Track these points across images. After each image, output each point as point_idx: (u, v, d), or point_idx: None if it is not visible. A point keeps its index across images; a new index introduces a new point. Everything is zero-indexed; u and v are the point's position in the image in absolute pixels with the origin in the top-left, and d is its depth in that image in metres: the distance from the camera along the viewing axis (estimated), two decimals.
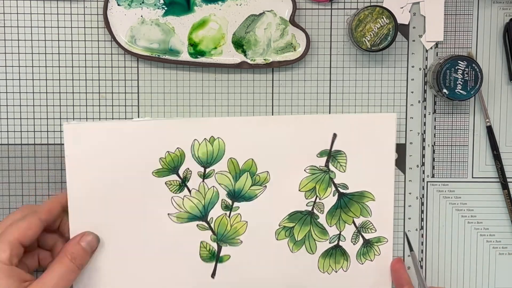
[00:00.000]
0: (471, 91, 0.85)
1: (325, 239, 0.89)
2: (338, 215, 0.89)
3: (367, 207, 0.89)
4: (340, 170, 0.88)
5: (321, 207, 0.89)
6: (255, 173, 0.88)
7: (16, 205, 0.90)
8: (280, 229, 0.89)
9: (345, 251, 0.90)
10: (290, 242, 0.89)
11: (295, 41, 0.88)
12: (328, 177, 0.89)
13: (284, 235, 0.89)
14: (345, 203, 0.89)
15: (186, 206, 0.88)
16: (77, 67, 0.89)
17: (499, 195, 0.91)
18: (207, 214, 0.88)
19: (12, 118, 0.89)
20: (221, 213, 0.88)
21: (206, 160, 0.87)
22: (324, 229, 0.89)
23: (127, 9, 0.87)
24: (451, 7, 0.89)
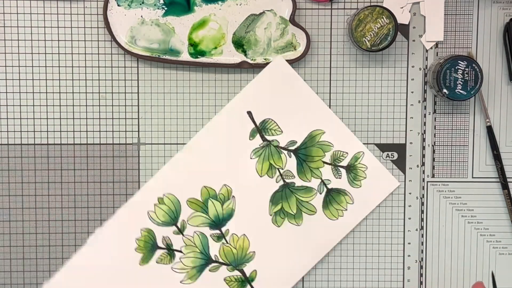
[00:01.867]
0: (471, 91, 0.85)
1: (314, 194, 0.90)
2: (307, 167, 0.90)
3: (324, 142, 0.89)
4: (277, 134, 0.89)
5: (288, 174, 0.89)
6: (216, 194, 0.89)
7: (16, 205, 0.90)
8: (275, 216, 0.89)
9: (338, 189, 0.90)
10: (290, 220, 0.89)
11: (295, 40, 0.88)
12: (273, 147, 0.89)
13: (281, 218, 0.89)
14: (304, 155, 0.89)
15: (188, 263, 0.89)
16: (77, 67, 0.89)
17: (499, 195, 0.91)
18: (209, 254, 0.89)
19: (12, 118, 0.89)
20: (219, 245, 0.89)
21: (170, 219, 0.89)
22: (307, 188, 0.90)
23: (127, 10, 0.87)
24: (451, 7, 0.89)
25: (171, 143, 0.90)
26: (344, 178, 0.89)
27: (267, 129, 0.89)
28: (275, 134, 0.89)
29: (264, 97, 0.88)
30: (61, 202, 0.90)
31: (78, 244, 0.91)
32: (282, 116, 0.89)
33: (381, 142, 0.90)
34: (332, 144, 0.89)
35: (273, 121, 0.89)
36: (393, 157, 0.91)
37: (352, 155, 0.89)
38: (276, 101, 0.88)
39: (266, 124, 0.89)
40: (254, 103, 0.88)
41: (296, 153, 0.89)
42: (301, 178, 0.89)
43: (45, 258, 0.91)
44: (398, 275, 0.92)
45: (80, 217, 0.91)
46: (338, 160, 0.89)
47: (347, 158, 0.89)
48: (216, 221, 0.89)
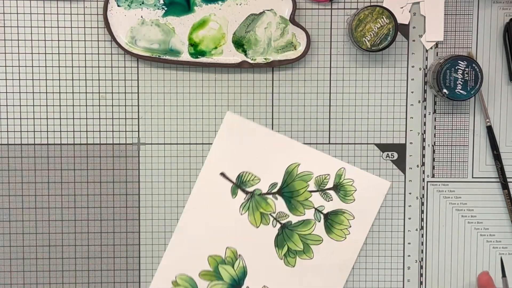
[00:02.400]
0: (471, 91, 0.85)
1: (313, 224, 0.90)
2: (296, 202, 0.90)
3: (303, 173, 0.90)
4: (256, 182, 0.90)
5: (281, 215, 0.90)
6: (223, 260, 0.90)
7: (16, 205, 0.90)
8: (286, 259, 0.90)
9: (335, 211, 0.90)
10: (301, 256, 0.90)
11: (295, 40, 0.88)
12: (257, 196, 0.90)
13: (292, 257, 0.90)
14: (289, 192, 0.90)
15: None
16: (77, 67, 0.89)
17: (499, 195, 0.91)
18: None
19: (12, 118, 0.89)
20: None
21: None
22: (304, 221, 0.90)
23: (127, 10, 0.87)
24: (451, 7, 0.89)
25: (171, 143, 0.90)
26: (335, 199, 0.90)
27: (245, 181, 0.90)
28: (254, 183, 0.90)
29: (231, 154, 0.89)
30: (61, 202, 0.90)
31: (78, 244, 0.91)
32: (254, 164, 0.90)
33: (381, 142, 0.91)
34: (311, 172, 0.90)
35: (248, 172, 0.89)
36: (393, 157, 0.91)
37: (335, 174, 0.90)
38: (244, 152, 0.89)
39: (242, 177, 0.90)
40: (225, 163, 0.89)
41: (281, 194, 0.90)
42: (295, 214, 0.90)
43: (45, 258, 0.91)
44: (398, 275, 0.92)
45: (80, 217, 0.91)
46: (323, 184, 0.90)
47: (330, 179, 0.90)
48: (234, 284, 0.90)
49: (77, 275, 0.91)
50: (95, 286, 0.91)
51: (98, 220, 0.91)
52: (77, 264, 0.91)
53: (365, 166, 0.91)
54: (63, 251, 0.91)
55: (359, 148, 0.91)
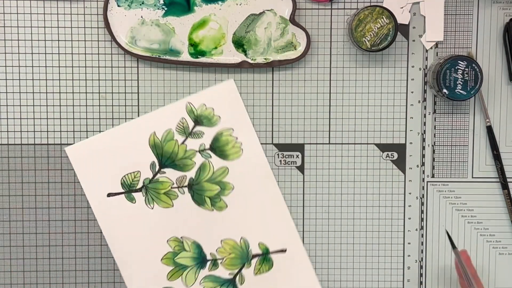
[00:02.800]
0: (471, 91, 0.85)
1: (185, 285, 0.90)
2: (214, 285, 0.90)
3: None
4: (254, 271, 0.90)
5: (214, 266, 0.90)
6: (221, 196, 0.90)
7: (16, 205, 0.90)
8: (177, 240, 0.90)
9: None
10: (169, 254, 0.90)
11: (295, 40, 0.88)
12: (244, 262, 0.90)
13: (173, 246, 0.90)
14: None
15: (167, 145, 0.89)
16: (77, 67, 0.89)
17: (499, 195, 0.91)
18: (166, 166, 0.89)
19: (12, 118, 0.89)
20: (171, 181, 0.89)
21: (219, 147, 0.89)
22: (194, 279, 0.90)
23: (127, 10, 0.87)
24: (451, 7, 0.89)
25: None
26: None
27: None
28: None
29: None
30: (61, 202, 0.90)
31: (78, 244, 0.91)
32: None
33: (381, 142, 0.91)
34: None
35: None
36: (393, 157, 0.91)
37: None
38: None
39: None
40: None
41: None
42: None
43: (45, 258, 0.91)
44: (398, 275, 0.92)
45: (80, 217, 0.91)
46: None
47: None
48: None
49: (77, 275, 0.91)
50: (95, 286, 0.91)
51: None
52: (77, 264, 0.91)
53: (365, 166, 0.91)
54: (63, 251, 0.91)
55: (359, 148, 0.91)
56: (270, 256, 0.90)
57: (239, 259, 0.90)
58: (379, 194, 0.91)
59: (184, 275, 0.90)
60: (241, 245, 0.90)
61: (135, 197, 0.89)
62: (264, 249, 0.90)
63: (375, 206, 0.91)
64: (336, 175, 0.91)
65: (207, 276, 0.90)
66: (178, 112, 0.88)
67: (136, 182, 0.89)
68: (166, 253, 0.90)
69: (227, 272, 0.90)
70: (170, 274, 0.90)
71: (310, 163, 0.91)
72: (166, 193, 0.89)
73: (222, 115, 0.88)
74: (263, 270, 0.90)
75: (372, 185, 0.91)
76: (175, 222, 0.89)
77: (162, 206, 0.89)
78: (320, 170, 0.91)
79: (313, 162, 0.91)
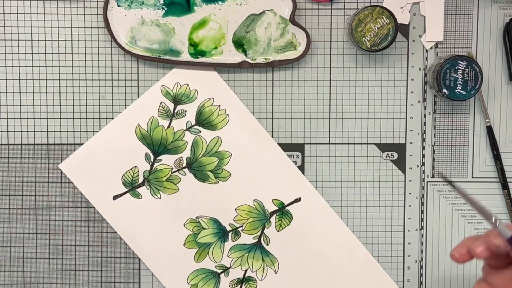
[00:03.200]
0: (471, 91, 0.85)
1: (215, 262, 0.91)
2: (242, 254, 0.91)
3: (265, 271, 0.91)
4: (277, 228, 0.90)
5: (237, 236, 0.90)
6: (222, 166, 0.89)
7: (16, 205, 0.90)
8: (194, 221, 0.90)
9: (219, 284, 0.91)
10: (190, 236, 0.90)
11: (295, 40, 0.88)
12: (264, 223, 0.90)
13: (191, 228, 0.90)
14: (254, 252, 0.90)
15: (155, 133, 0.89)
16: (77, 67, 0.89)
17: (499, 195, 0.91)
18: (160, 154, 0.89)
19: (12, 118, 0.89)
20: (169, 166, 0.89)
21: (204, 119, 0.89)
22: (222, 253, 0.91)
23: (127, 10, 0.87)
24: (451, 7, 0.89)
25: None
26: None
27: (282, 216, 0.91)
28: (277, 225, 0.91)
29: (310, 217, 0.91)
30: (61, 202, 0.90)
31: (78, 244, 0.91)
32: (295, 228, 0.91)
33: (381, 142, 0.91)
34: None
35: (290, 220, 0.91)
36: (393, 157, 0.91)
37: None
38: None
39: (286, 214, 0.91)
40: (307, 199, 0.90)
41: (257, 245, 0.90)
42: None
43: (45, 258, 0.91)
44: (398, 275, 0.92)
45: (80, 217, 0.91)
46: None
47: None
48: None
49: (77, 275, 0.91)
50: (95, 286, 0.91)
51: (98, 220, 0.91)
52: (77, 264, 0.91)
53: (365, 166, 0.91)
54: (63, 251, 0.91)
55: (359, 148, 0.91)
56: (287, 209, 0.90)
57: (258, 221, 0.90)
58: (379, 194, 0.91)
59: (210, 253, 0.90)
60: (256, 207, 0.90)
61: (140, 192, 0.89)
62: (279, 204, 0.90)
63: (375, 206, 0.91)
64: (336, 175, 0.91)
65: (232, 247, 0.90)
66: (155, 98, 0.88)
67: (136, 178, 0.89)
68: (187, 236, 0.90)
69: (251, 237, 0.90)
70: (197, 256, 0.90)
71: (310, 163, 0.91)
72: (168, 180, 0.89)
73: (198, 87, 0.88)
74: (284, 225, 0.90)
75: (372, 185, 0.91)
76: (186, 204, 0.89)
77: (168, 193, 0.89)
78: (320, 170, 0.91)
79: (313, 162, 0.91)
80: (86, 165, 0.89)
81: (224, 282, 0.90)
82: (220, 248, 0.90)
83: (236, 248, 0.90)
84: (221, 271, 0.90)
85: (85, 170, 0.89)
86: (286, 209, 0.90)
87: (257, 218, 0.90)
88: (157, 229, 0.89)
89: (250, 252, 0.90)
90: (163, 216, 0.89)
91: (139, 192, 0.89)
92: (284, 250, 0.90)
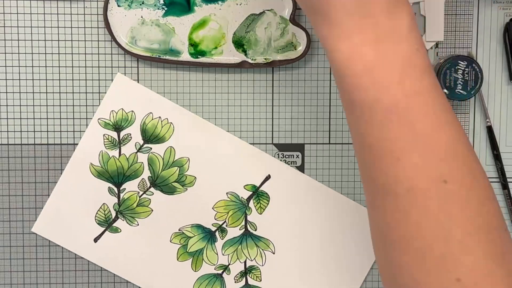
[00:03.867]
0: (471, 91, 0.85)
1: (212, 264, 0.90)
2: (235, 248, 0.90)
3: (263, 255, 0.90)
4: (258, 211, 0.90)
5: (223, 233, 0.90)
6: (184, 173, 0.89)
7: (16, 205, 0.90)
8: (178, 234, 0.90)
9: (224, 284, 0.91)
10: (180, 249, 0.90)
11: (295, 40, 0.88)
12: (244, 211, 0.90)
13: (178, 241, 0.90)
14: (246, 241, 0.90)
15: (109, 165, 0.88)
16: (77, 67, 0.89)
17: (499, 195, 0.91)
18: (122, 183, 0.89)
19: (12, 118, 0.89)
20: (135, 191, 0.89)
21: (150, 135, 0.88)
22: (216, 254, 0.90)
23: (127, 10, 0.87)
24: (451, 7, 0.89)
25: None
26: (238, 284, 0.91)
27: (259, 199, 0.90)
28: (257, 209, 0.90)
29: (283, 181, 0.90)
30: None
31: None
32: (276, 206, 0.90)
33: None
34: (264, 264, 0.91)
35: (268, 201, 0.90)
36: None
37: (261, 286, 0.91)
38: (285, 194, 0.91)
39: (263, 196, 0.90)
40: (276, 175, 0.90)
41: (245, 234, 0.91)
42: (223, 245, 0.91)
43: (45, 258, 0.91)
44: None
45: None
46: (250, 273, 0.91)
47: (257, 282, 0.91)
48: (156, 181, 0.89)
49: (77, 275, 0.91)
50: (95, 286, 0.91)
51: None
52: (77, 264, 0.91)
53: None
54: (63, 251, 0.91)
55: None
56: (261, 190, 0.90)
57: (238, 212, 0.90)
58: None
59: (205, 258, 0.90)
60: (231, 199, 0.90)
61: (117, 226, 0.89)
62: (252, 188, 0.90)
63: None
64: (336, 175, 0.91)
65: (224, 245, 0.90)
66: (96, 133, 0.89)
67: (109, 214, 0.89)
68: (177, 250, 0.90)
69: (237, 229, 0.90)
70: (193, 265, 0.90)
71: (310, 163, 0.91)
72: (139, 205, 0.89)
73: (133, 108, 0.88)
74: (264, 205, 0.90)
75: None
76: (164, 221, 0.89)
77: (143, 217, 0.89)
78: (320, 170, 0.91)
79: (313, 162, 0.91)
80: (57, 220, 0.89)
81: (229, 280, 0.90)
82: (213, 249, 0.90)
83: (228, 244, 0.90)
84: (222, 271, 0.90)
85: (58, 225, 0.89)
86: (260, 190, 0.90)
87: (236, 209, 0.90)
88: (146, 254, 0.89)
89: (242, 243, 0.90)
90: (148, 240, 0.89)
91: (116, 226, 0.89)
92: (273, 229, 0.90)
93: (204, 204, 0.90)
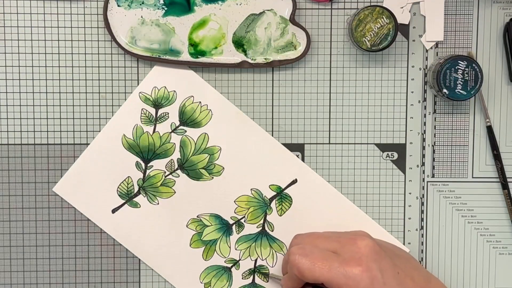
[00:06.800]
0: (471, 91, 0.85)
1: (223, 257, 0.90)
2: (249, 245, 0.90)
3: (275, 257, 0.90)
4: (278, 213, 0.90)
5: (240, 227, 0.90)
6: (213, 161, 0.89)
7: (16, 205, 0.90)
8: (196, 220, 0.90)
9: (231, 279, 0.91)
10: (195, 236, 0.90)
11: (295, 40, 0.88)
12: (265, 210, 0.90)
13: (195, 228, 0.90)
14: (261, 240, 0.90)
15: (141, 140, 0.89)
16: (77, 67, 0.89)
17: (499, 195, 0.91)
18: (150, 160, 0.89)
19: (12, 118, 0.89)
20: (161, 170, 0.89)
21: (188, 118, 0.88)
22: (229, 247, 0.90)
23: (127, 10, 0.87)
24: (451, 7, 0.89)
25: None
26: (245, 281, 0.91)
27: (282, 201, 0.90)
28: (278, 211, 0.90)
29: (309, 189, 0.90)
30: (61, 202, 0.90)
31: (78, 244, 0.91)
32: (298, 210, 0.91)
33: (381, 142, 0.91)
34: (273, 265, 0.91)
35: (290, 204, 0.90)
36: (393, 157, 0.91)
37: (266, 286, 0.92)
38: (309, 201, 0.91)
39: (286, 198, 0.90)
40: (303, 179, 0.90)
41: (261, 233, 0.91)
42: (237, 240, 0.91)
43: (45, 258, 0.91)
44: None
45: (80, 217, 0.90)
46: (259, 273, 0.91)
47: (263, 282, 0.91)
48: (184, 165, 0.89)
49: (77, 275, 0.91)
50: (95, 286, 0.91)
51: None
52: (77, 264, 0.91)
53: (365, 166, 0.91)
54: (63, 251, 0.91)
55: (359, 148, 0.91)
56: (285, 192, 0.90)
57: (259, 210, 0.90)
58: (379, 194, 0.91)
59: (217, 249, 0.90)
60: (254, 196, 0.90)
61: (138, 201, 0.89)
62: (277, 189, 0.90)
63: (375, 206, 0.91)
64: (336, 175, 0.91)
65: (238, 239, 0.90)
66: (135, 106, 0.88)
67: (131, 188, 0.89)
68: (192, 236, 0.90)
69: (254, 226, 0.90)
70: (205, 254, 0.90)
71: (310, 163, 0.91)
72: (163, 184, 0.89)
73: (175, 88, 0.88)
74: (285, 208, 0.90)
75: (372, 185, 0.91)
76: (185, 205, 0.89)
77: (165, 197, 0.89)
78: (320, 170, 0.91)
79: (313, 162, 0.91)
80: (79, 184, 0.89)
81: (236, 275, 0.90)
82: (226, 242, 0.90)
83: (242, 240, 0.90)
84: (231, 265, 0.90)
85: (79, 189, 0.89)
86: (284, 192, 0.90)
87: (257, 206, 0.90)
88: (160, 234, 0.89)
89: (256, 241, 0.90)
90: (164, 221, 0.89)
91: (136, 201, 0.89)
92: (289, 233, 0.90)
93: (227, 196, 0.90)
